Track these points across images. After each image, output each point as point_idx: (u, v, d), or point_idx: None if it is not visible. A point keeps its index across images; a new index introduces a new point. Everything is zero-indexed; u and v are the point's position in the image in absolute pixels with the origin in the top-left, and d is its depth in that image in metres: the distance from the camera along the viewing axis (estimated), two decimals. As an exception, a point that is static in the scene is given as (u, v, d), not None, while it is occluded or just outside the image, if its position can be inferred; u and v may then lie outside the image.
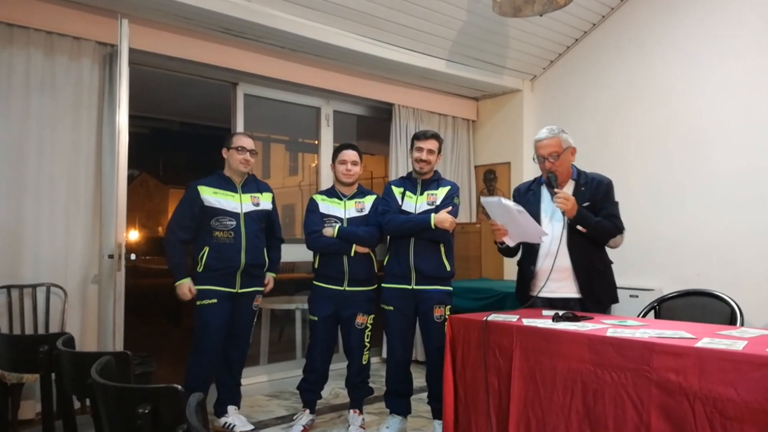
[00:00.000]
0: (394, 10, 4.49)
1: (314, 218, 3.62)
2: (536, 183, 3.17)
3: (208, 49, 4.31)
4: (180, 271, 3.52)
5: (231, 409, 3.66)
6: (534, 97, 5.88)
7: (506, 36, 5.12)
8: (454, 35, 4.96)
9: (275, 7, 4.15)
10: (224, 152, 3.64)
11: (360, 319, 3.61)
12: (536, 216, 3.01)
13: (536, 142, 3.02)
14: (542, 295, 3.00)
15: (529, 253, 3.08)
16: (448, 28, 4.87)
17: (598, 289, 2.95)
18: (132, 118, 3.70)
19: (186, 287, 3.49)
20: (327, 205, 3.66)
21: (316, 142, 5.39)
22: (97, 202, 3.88)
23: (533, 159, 3.07)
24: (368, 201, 3.71)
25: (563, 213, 2.86)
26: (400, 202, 3.56)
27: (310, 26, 4.36)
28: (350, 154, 3.65)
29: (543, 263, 2.98)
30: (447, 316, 3.38)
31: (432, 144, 3.52)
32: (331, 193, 3.73)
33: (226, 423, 3.61)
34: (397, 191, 3.60)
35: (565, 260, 2.93)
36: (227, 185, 3.60)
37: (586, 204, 2.93)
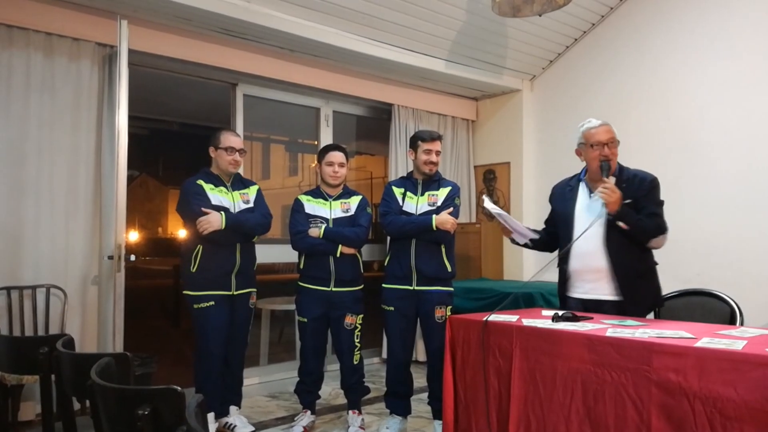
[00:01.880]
0: (394, 10, 4.49)
1: (299, 218, 3.61)
2: (575, 179, 3.05)
3: (207, 49, 4.31)
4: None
5: (232, 409, 3.65)
6: (533, 97, 5.88)
7: (505, 36, 5.13)
8: (453, 35, 4.96)
9: (274, 8, 4.15)
10: (212, 151, 3.53)
11: (349, 320, 3.60)
12: (570, 213, 2.95)
13: (590, 130, 2.86)
14: (575, 295, 2.94)
15: (565, 252, 2.95)
16: (447, 29, 4.87)
17: (637, 292, 2.82)
18: (131, 119, 3.70)
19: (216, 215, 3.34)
20: (312, 206, 3.64)
21: (316, 142, 5.39)
22: (96, 203, 3.88)
23: (585, 145, 2.87)
24: (354, 202, 3.70)
25: (604, 206, 2.72)
26: (401, 203, 3.56)
27: (309, 27, 4.36)
28: (337, 156, 3.63)
29: (576, 263, 2.89)
30: (448, 317, 3.37)
31: (439, 145, 3.55)
32: (316, 193, 3.70)
33: (227, 423, 3.60)
34: (397, 192, 3.60)
35: (601, 260, 2.81)
36: (219, 183, 3.53)
37: (627, 201, 2.77)
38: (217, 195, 3.48)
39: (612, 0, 5.11)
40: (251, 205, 3.60)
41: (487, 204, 3.03)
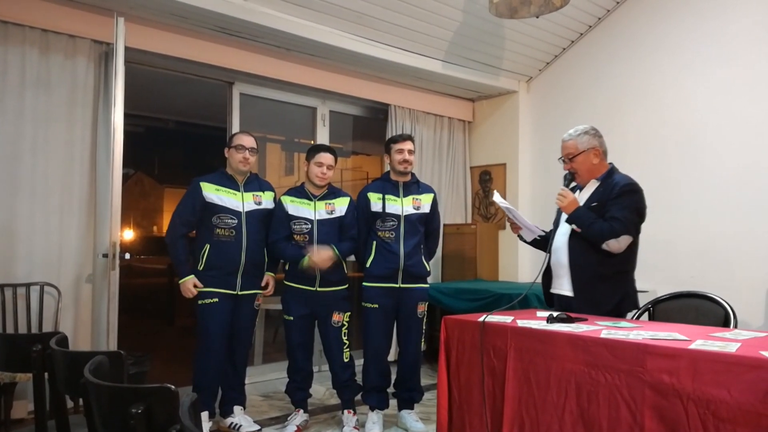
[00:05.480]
0: (391, 10, 4.50)
1: (278, 225, 3.62)
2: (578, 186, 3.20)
3: (203, 48, 4.30)
4: (183, 268, 3.50)
5: (237, 409, 3.66)
6: (530, 99, 5.89)
7: (502, 37, 5.13)
8: (450, 36, 4.97)
9: (271, 7, 4.15)
10: (226, 152, 3.64)
11: (336, 317, 3.62)
12: (558, 214, 3.10)
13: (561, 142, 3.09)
14: (551, 290, 3.09)
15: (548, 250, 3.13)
16: (444, 29, 4.88)
17: (596, 293, 2.87)
18: (127, 116, 3.70)
19: (190, 284, 3.47)
20: (296, 206, 3.62)
21: (312, 142, 5.38)
22: (91, 201, 3.87)
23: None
24: (341, 204, 3.69)
25: (558, 210, 2.94)
26: (381, 209, 3.61)
27: (306, 26, 4.36)
28: (328, 158, 3.62)
29: (552, 258, 3.04)
30: (425, 312, 3.77)
31: (411, 145, 3.67)
32: (300, 192, 3.67)
33: (232, 423, 3.61)
34: (375, 197, 3.65)
35: (564, 257, 2.95)
36: (230, 183, 3.58)
37: (594, 204, 2.89)
38: (222, 196, 3.53)
39: (609, 2, 5.13)
40: (262, 207, 3.64)
41: (497, 198, 3.11)
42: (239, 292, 3.56)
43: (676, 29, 4.80)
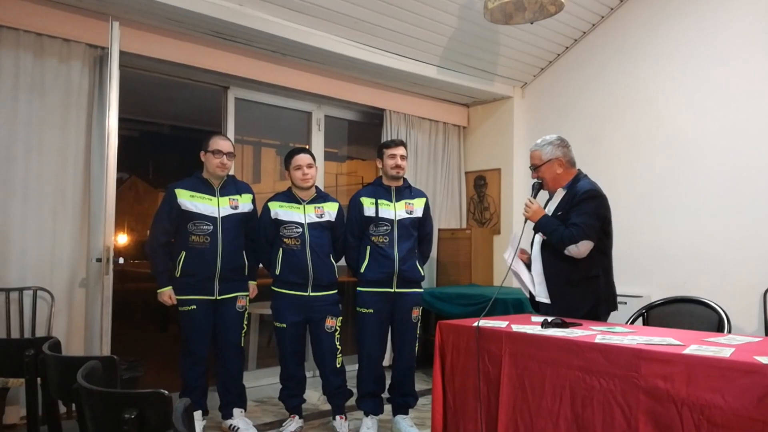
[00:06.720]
0: (386, 15, 4.50)
1: (258, 229, 3.66)
2: None
3: (199, 52, 4.30)
4: (162, 278, 3.51)
5: (236, 411, 3.66)
6: (524, 104, 5.91)
7: (497, 43, 5.15)
8: (445, 42, 4.98)
9: (267, 12, 4.15)
10: (202, 155, 3.58)
11: (329, 323, 3.62)
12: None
13: None
14: (536, 298, 3.11)
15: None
16: (439, 35, 4.89)
17: (569, 299, 2.91)
18: (122, 121, 3.69)
19: (166, 295, 3.50)
20: (286, 211, 3.60)
21: (307, 146, 5.38)
22: (85, 205, 3.85)
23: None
24: (330, 208, 3.69)
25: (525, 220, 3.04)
26: (374, 214, 3.63)
27: (301, 31, 4.36)
28: (304, 158, 3.60)
29: (531, 268, 3.12)
30: (420, 317, 3.77)
31: (403, 150, 3.69)
32: (289, 197, 3.67)
33: (231, 425, 3.61)
34: (367, 202, 3.66)
35: (539, 266, 3.03)
36: (205, 188, 3.55)
37: (560, 213, 2.96)
38: (196, 203, 3.50)
39: (603, 9, 5.15)
40: (239, 211, 3.61)
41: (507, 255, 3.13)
42: (218, 297, 3.54)
43: (669, 35, 4.83)
